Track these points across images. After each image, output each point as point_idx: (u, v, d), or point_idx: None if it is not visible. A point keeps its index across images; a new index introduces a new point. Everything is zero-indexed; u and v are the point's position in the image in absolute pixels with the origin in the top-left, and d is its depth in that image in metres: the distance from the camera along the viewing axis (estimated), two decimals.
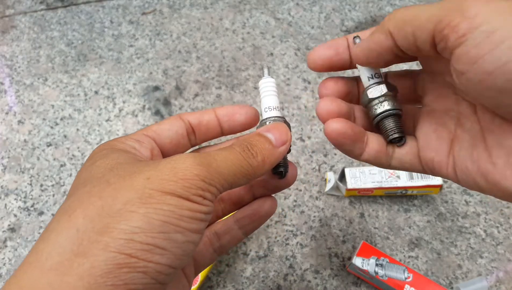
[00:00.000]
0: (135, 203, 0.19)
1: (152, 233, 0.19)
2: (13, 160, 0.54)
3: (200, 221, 0.21)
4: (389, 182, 0.48)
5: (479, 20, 0.18)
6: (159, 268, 0.19)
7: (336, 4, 0.71)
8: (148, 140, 0.26)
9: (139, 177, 0.21)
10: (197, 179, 0.21)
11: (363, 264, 0.42)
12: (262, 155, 0.24)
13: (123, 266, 0.18)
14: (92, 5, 0.71)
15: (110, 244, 0.18)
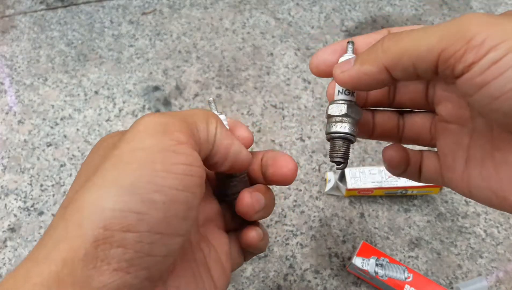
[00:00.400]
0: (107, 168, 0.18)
1: (122, 197, 0.17)
2: (13, 160, 0.54)
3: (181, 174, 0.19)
4: (389, 182, 0.48)
5: (485, 48, 0.17)
6: (139, 238, 0.17)
7: (336, 4, 0.71)
8: None
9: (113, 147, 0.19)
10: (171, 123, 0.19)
11: (363, 264, 0.42)
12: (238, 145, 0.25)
13: (100, 243, 0.17)
14: (92, 5, 0.71)
15: (82, 222, 0.17)
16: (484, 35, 0.17)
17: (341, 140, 0.25)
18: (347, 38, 0.29)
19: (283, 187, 0.51)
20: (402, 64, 0.20)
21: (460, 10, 0.70)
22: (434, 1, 0.71)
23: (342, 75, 0.22)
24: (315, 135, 0.56)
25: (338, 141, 0.25)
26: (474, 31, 0.17)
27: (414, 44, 0.19)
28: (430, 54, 0.18)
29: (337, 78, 0.23)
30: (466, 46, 0.18)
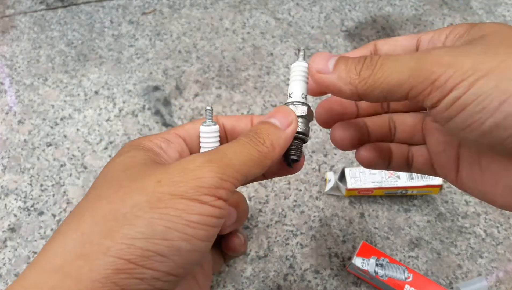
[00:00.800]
0: (143, 207, 0.19)
1: (154, 240, 0.19)
2: (13, 160, 0.54)
3: (210, 227, 0.20)
4: (389, 182, 0.48)
5: (448, 87, 0.19)
6: (157, 275, 0.19)
7: (336, 4, 0.71)
8: (178, 141, 0.26)
9: (151, 180, 0.20)
10: (208, 177, 0.20)
11: (363, 264, 0.42)
12: (269, 140, 0.23)
13: (121, 272, 0.18)
14: (92, 5, 0.71)
15: (111, 248, 0.18)
16: (447, 76, 0.19)
17: (300, 140, 0.26)
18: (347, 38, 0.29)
19: (283, 187, 0.51)
20: (374, 95, 0.22)
21: (460, 10, 0.70)
22: (434, 1, 0.71)
23: (318, 76, 0.23)
24: (315, 135, 0.56)
25: (299, 140, 0.26)
26: (439, 72, 0.20)
27: (386, 78, 0.21)
28: (400, 90, 0.21)
29: (313, 76, 0.24)
30: (432, 86, 0.20)
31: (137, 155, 0.23)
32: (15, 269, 0.45)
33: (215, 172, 0.20)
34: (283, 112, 0.25)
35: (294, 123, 0.25)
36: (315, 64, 0.24)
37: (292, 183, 0.52)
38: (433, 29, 0.67)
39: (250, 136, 0.23)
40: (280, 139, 0.24)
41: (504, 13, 0.69)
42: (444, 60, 0.20)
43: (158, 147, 0.25)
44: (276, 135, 0.24)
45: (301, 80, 0.27)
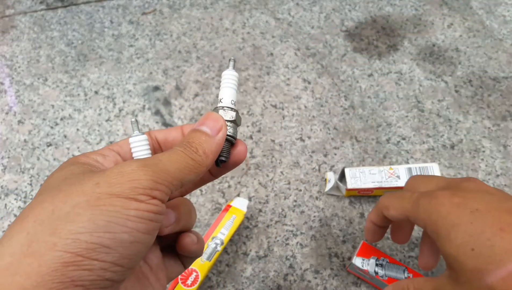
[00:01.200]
0: (83, 206, 0.21)
1: (97, 233, 0.20)
2: (13, 160, 0.54)
3: (149, 220, 0.22)
4: (389, 182, 0.48)
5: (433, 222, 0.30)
6: (105, 266, 0.20)
7: (336, 4, 0.71)
8: (112, 154, 0.27)
9: (89, 183, 0.22)
10: (143, 179, 0.22)
11: (363, 264, 0.42)
12: (202, 148, 0.25)
13: (70, 264, 0.19)
14: (92, 5, 0.71)
15: (57, 244, 0.19)
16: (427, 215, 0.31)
17: (229, 143, 0.28)
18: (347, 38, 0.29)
19: (283, 187, 0.51)
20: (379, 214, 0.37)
21: (460, 10, 0.70)
22: (434, 1, 0.71)
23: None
24: (315, 135, 0.56)
25: (228, 143, 0.28)
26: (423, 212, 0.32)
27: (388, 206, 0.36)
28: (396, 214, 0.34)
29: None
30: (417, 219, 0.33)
31: (74, 168, 0.24)
32: None
33: (150, 175, 0.22)
34: (212, 119, 0.27)
35: (224, 129, 0.27)
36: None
37: (292, 183, 0.52)
38: (433, 29, 0.67)
39: (184, 145, 0.25)
40: (212, 146, 0.26)
41: (504, 13, 0.69)
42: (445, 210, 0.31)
43: (94, 161, 0.26)
44: (208, 143, 0.26)
45: (232, 87, 0.29)
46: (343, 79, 0.61)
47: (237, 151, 0.29)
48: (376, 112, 0.58)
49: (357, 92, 0.60)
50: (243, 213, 0.46)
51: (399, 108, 0.58)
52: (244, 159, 0.29)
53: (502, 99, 0.59)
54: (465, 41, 0.65)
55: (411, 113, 0.58)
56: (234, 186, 0.52)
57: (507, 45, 0.65)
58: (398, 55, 0.64)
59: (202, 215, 0.50)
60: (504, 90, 0.60)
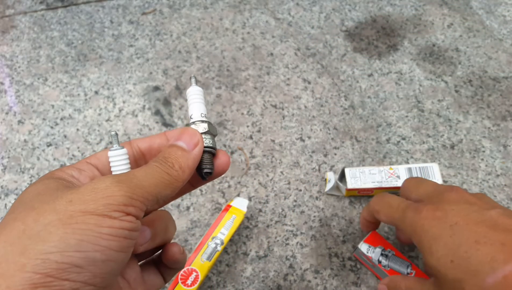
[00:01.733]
0: (55, 225, 0.20)
1: (68, 252, 0.20)
2: (13, 160, 0.54)
3: (123, 238, 0.21)
4: (389, 182, 0.48)
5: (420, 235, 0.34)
6: (75, 286, 0.20)
7: (336, 4, 0.71)
8: (89, 168, 0.27)
9: (62, 201, 0.21)
10: (118, 195, 0.21)
11: (368, 251, 0.43)
12: (178, 163, 0.25)
13: (39, 286, 0.19)
14: (92, 5, 0.71)
15: (26, 264, 0.19)
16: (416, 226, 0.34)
17: (209, 154, 0.28)
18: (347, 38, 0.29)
19: (283, 187, 0.51)
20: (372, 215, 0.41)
21: (460, 10, 0.70)
22: (434, 1, 0.71)
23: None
24: (315, 135, 0.56)
25: (208, 154, 0.28)
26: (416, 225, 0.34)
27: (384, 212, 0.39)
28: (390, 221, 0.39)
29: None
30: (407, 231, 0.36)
31: (49, 183, 0.24)
32: None
33: (125, 191, 0.22)
34: (188, 134, 0.27)
35: (200, 143, 0.27)
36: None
37: (292, 183, 0.52)
38: (433, 29, 0.67)
39: (160, 160, 0.25)
40: (189, 161, 0.26)
41: (504, 13, 0.69)
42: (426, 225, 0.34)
43: (70, 176, 0.26)
44: (184, 158, 0.25)
45: (199, 102, 0.30)
46: (343, 79, 0.61)
47: (220, 162, 0.28)
48: (376, 112, 0.58)
49: (357, 92, 0.60)
50: (243, 213, 0.46)
51: (399, 108, 0.58)
52: (227, 169, 0.29)
53: (502, 99, 0.59)
54: (465, 41, 0.65)
55: (411, 113, 0.58)
56: (234, 186, 0.52)
57: (507, 45, 0.65)
58: (398, 55, 0.64)
59: (202, 215, 0.50)
60: (504, 90, 0.60)
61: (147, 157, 0.29)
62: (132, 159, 0.28)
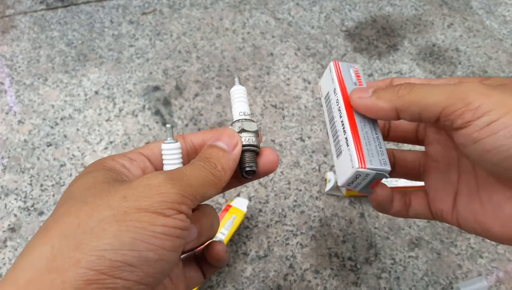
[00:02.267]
0: (109, 221, 0.20)
1: (122, 251, 0.19)
2: (13, 160, 0.54)
3: (175, 237, 0.21)
4: (389, 183, 0.48)
5: (480, 112, 0.22)
6: (128, 285, 0.20)
7: (336, 4, 0.71)
8: (141, 159, 0.27)
9: (115, 196, 0.21)
10: (171, 193, 0.21)
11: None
12: (220, 164, 0.25)
13: (93, 282, 0.19)
14: (92, 5, 0.71)
15: (81, 260, 0.19)
16: (480, 102, 0.22)
17: (253, 152, 0.28)
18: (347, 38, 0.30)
19: (283, 187, 0.51)
20: (410, 110, 0.25)
21: (460, 10, 0.70)
22: (434, 1, 0.71)
23: (359, 100, 0.27)
24: (315, 135, 0.56)
25: (252, 153, 0.28)
26: (472, 97, 0.23)
27: (423, 97, 0.24)
28: (434, 107, 0.24)
29: (354, 102, 0.27)
30: (465, 108, 0.23)
31: (99, 175, 0.24)
32: None
33: (177, 189, 0.22)
34: (227, 135, 0.27)
35: (239, 144, 0.27)
36: (356, 93, 0.27)
37: (292, 183, 0.52)
38: (433, 29, 0.67)
39: (203, 160, 0.25)
40: (229, 161, 0.26)
41: (504, 13, 0.69)
42: (478, 89, 0.23)
43: (121, 166, 0.26)
44: (225, 158, 0.26)
45: (239, 101, 0.30)
46: None
47: (265, 160, 0.28)
48: None
49: None
50: (243, 213, 0.46)
51: None
52: (276, 168, 0.29)
53: None
54: (465, 41, 0.65)
55: None
56: None
57: (507, 45, 0.65)
58: (398, 55, 0.64)
59: None
60: None
61: (199, 152, 0.29)
62: (185, 154, 0.28)
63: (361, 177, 0.26)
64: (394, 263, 0.46)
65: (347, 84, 0.29)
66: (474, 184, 0.27)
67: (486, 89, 0.23)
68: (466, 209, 0.27)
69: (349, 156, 0.27)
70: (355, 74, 0.31)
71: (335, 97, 0.29)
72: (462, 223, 0.28)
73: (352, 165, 0.26)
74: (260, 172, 0.28)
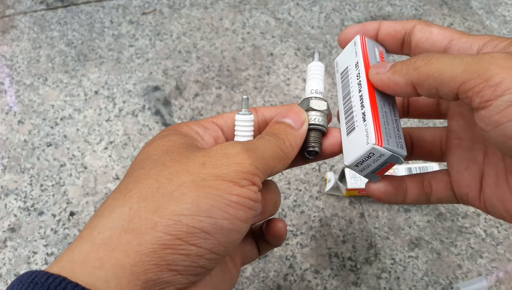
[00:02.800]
0: (189, 186, 0.20)
1: (199, 217, 0.19)
2: (13, 160, 0.54)
3: (248, 208, 0.21)
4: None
5: (501, 89, 0.19)
6: (201, 252, 0.20)
7: (336, 4, 0.71)
8: (214, 128, 0.27)
9: (195, 162, 0.21)
10: (247, 163, 0.21)
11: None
12: (288, 140, 0.25)
13: (168, 247, 0.19)
14: (92, 5, 0.71)
15: (158, 223, 0.19)
16: (501, 77, 0.19)
17: (319, 132, 0.27)
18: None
19: (283, 187, 0.51)
20: (427, 85, 0.22)
21: (460, 10, 0.70)
22: (434, 1, 0.71)
23: (376, 76, 0.25)
24: None
25: (318, 132, 0.27)
26: (494, 71, 0.19)
27: (440, 70, 0.21)
28: (452, 82, 0.21)
29: (371, 77, 0.25)
30: (484, 84, 0.19)
31: (175, 139, 0.24)
32: (15, 269, 0.45)
33: (253, 160, 0.22)
34: (295, 112, 0.26)
35: (306, 122, 0.26)
36: (374, 69, 0.25)
37: (292, 183, 0.52)
38: None
39: (272, 135, 0.25)
40: (297, 138, 0.25)
41: (504, 13, 0.69)
42: (500, 62, 0.19)
43: (195, 133, 0.26)
44: (292, 135, 0.25)
45: (314, 78, 0.28)
46: None
47: (330, 141, 0.27)
48: None
49: None
50: None
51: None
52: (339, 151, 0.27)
53: None
54: None
55: None
56: None
57: None
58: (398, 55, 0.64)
59: None
60: None
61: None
62: (256, 127, 0.28)
63: (373, 157, 0.24)
64: (394, 263, 0.46)
65: (370, 60, 0.27)
66: (502, 167, 0.24)
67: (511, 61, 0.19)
68: (494, 194, 0.24)
69: (365, 132, 0.24)
70: (380, 54, 0.29)
71: (356, 71, 0.27)
72: (490, 209, 0.25)
73: (368, 141, 0.23)
74: (324, 153, 0.28)
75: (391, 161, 0.24)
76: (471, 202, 0.26)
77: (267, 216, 0.28)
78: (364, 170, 0.25)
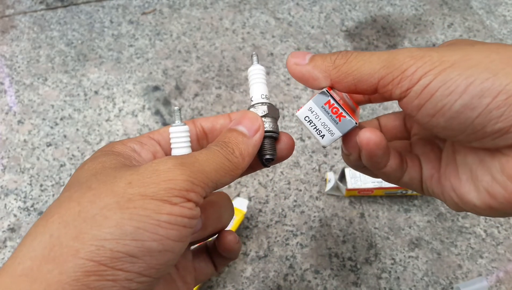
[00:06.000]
0: (112, 208, 0.19)
1: (124, 240, 0.18)
2: (13, 160, 0.54)
3: (182, 227, 0.20)
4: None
5: (417, 76, 0.21)
6: (130, 276, 0.19)
7: (336, 4, 0.71)
8: (152, 143, 0.26)
9: (121, 182, 0.20)
10: (179, 180, 0.20)
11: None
12: (239, 150, 0.24)
13: (92, 274, 0.18)
14: (92, 5, 0.71)
15: (80, 250, 0.18)
16: (416, 66, 0.21)
17: (270, 139, 0.26)
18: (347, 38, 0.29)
19: (283, 187, 0.51)
20: (346, 82, 0.23)
21: (460, 10, 0.70)
22: (434, 1, 0.71)
23: (295, 67, 0.25)
24: None
25: (269, 139, 0.26)
26: (409, 63, 0.21)
27: (359, 68, 0.23)
28: (371, 79, 0.22)
29: (290, 67, 0.25)
30: (402, 76, 0.21)
31: (106, 161, 0.23)
32: None
33: (187, 175, 0.20)
34: (249, 119, 0.25)
35: (261, 129, 0.25)
36: (293, 58, 0.25)
37: (292, 183, 0.52)
38: (433, 29, 0.67)
39: (220, 144, 0.23)
40: (249, 148, 0.24)
41: (504, 13, 0.69)
42: (414, 54, 0.21)
43: (131, 150, 0.25)
44: (244, 144, 0.24)
45: (259, 82, 0.27)
46: None
47: (283, 145, 0.26)
48: (376, 111, 0.58)
49: None
50: (243, 213, 0.46)
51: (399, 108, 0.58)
52: (292, 153, 0.27)
53: None
54: None
55: None
56: (234, 186, 0.52)
57: None
58: None
59: None
60: None
61: (209, 137, 0.28)
62: (194, 138, 0.27)
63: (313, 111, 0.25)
64: (394, 263, 0.46)
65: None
66: (451, 150, 0.25)
67: (423, 51, 0.21)
68: (444, 175, 0.25)
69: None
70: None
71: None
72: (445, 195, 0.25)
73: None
74: (279, 158, 0.27)
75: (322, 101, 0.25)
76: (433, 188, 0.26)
77: (211, 231, 0.26)
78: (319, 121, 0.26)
